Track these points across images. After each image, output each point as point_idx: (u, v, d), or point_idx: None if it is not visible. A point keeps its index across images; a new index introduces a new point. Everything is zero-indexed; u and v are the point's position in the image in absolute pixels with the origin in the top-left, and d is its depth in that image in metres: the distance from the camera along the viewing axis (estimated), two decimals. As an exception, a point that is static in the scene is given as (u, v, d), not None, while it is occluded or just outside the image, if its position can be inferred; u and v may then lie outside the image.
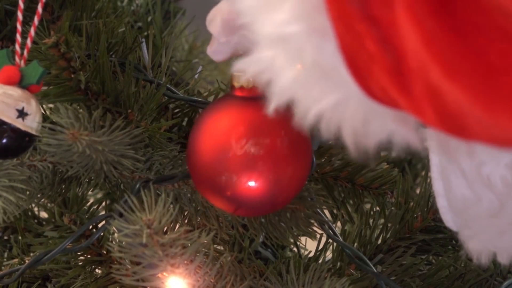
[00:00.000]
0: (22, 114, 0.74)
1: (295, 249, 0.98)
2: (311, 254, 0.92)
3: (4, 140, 0.74)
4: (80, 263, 0.86)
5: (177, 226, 0.80)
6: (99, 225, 0.84)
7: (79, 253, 0.86)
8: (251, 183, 0.70)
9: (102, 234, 0.83)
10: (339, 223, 0.96)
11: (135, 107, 0.84)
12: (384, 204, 0.94)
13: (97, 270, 0.87)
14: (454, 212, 0.58)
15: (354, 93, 0.50)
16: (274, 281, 0.79)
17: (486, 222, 0.57)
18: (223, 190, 0.71)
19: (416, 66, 0.46)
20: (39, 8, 0.74)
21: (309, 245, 0.92)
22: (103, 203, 1.01)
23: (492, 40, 0.45)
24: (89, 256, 0.85)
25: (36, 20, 0.75)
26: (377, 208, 0.95)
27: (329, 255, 0.92)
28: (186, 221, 0.84)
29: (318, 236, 0.86)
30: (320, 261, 0.90)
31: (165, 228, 0.71)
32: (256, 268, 0.86)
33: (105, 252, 0.85)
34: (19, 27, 0.75)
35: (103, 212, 0.98)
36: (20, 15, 0.75)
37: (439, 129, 0.48)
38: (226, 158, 0.70)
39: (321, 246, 0.91)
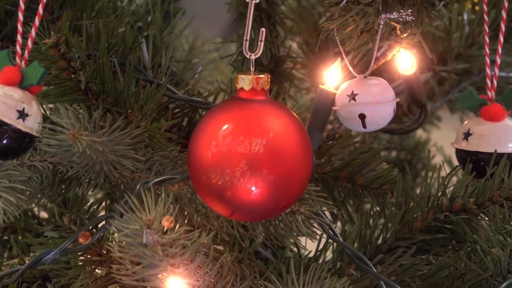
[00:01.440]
0: (22, 115, 0.74)
1: (295, 249, 0.98)
2: (311, 254, 0.92)
3: (5, 141, 0.74)
4: (80, 263, 0.86)
5: (177, 226, 0.81)
6: (99, 226, 0.84)
7: (79, 253, 0.86)
8: (253, 187, 0.70)
9: (102, 234, 0.83)
10: (339, 223, 0.96)
11: (135, 107, 0.84)
12: (384, 204, 0.94)
13: (97, 270, 0.87)
14: None
15: None
16: (274, 281, 0.79)
17: None
18: (222, 192, 0.71)
19: None
20: (40, 9, 0.74)
21: (309, 245, 0.92)
22: (103, 203, 1.01)
23: None
24: (89, 256, 0.85)
25: (37, 20, 0.75)
26: (377, 208, 0.95)
27: (329, 255, 0.92)
28: (186, 221, 0.84)
29: (318, 236, 0.86)
30: (320, 261, 0.90)
31: (165, 228, 0.71)
32: (256, 268, 0.87)
33: (105, 252, 0.85)
34: (19, 28, 0.75)
35: (103, 212, 0.98)
36: (20, 16, 0.75)
37: None
38: (225, 159, 0.70)
39: (321, 246, 0.91)
